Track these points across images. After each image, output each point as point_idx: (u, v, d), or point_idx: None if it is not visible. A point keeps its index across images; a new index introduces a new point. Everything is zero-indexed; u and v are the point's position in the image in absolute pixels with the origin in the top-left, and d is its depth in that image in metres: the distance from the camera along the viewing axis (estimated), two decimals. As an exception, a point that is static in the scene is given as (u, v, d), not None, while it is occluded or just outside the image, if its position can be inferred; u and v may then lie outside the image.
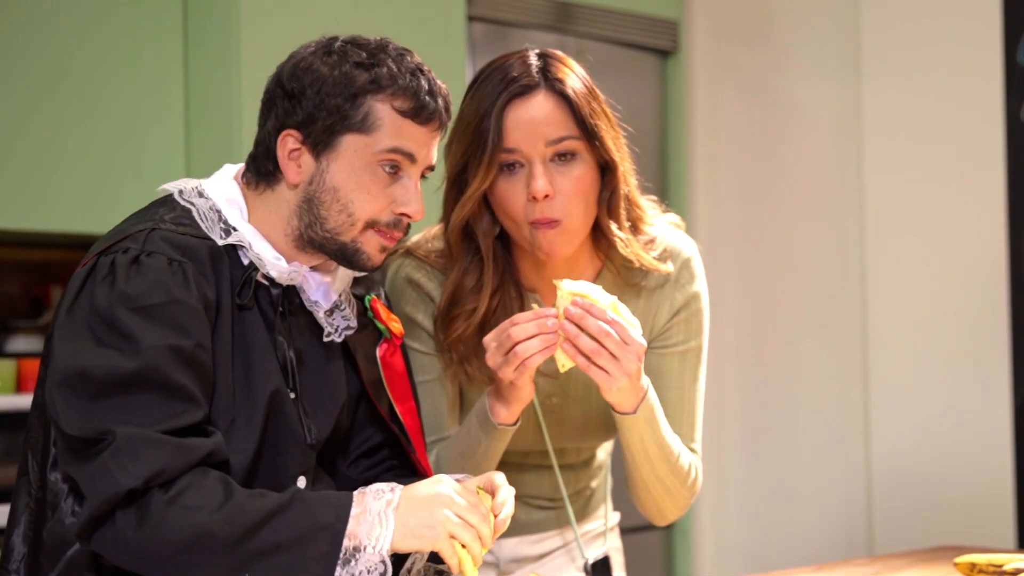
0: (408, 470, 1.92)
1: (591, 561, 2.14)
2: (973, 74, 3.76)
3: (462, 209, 1.95)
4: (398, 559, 1.76)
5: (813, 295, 4.12)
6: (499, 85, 1.92)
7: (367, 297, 1.90)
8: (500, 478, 1.74)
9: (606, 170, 1.97)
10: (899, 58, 3.92)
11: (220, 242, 1.72)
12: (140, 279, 1.65)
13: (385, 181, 1.72)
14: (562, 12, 3.97)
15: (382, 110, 1.71)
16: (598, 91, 1.98)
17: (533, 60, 1.95)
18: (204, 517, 1.58)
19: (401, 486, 1.66)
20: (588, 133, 1.93)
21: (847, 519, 4.02)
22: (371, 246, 1.75)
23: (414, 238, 2.09)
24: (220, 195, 1.76)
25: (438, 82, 1.77)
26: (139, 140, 3.38)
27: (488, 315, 1.99)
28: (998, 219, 3.70)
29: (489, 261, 1.97)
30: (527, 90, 1.91)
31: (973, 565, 2.07)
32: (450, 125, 1.84)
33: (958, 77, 3.80)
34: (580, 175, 1.93)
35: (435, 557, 1.81)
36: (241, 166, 1.82)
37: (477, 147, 1.91)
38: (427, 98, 1.73)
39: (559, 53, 1.99)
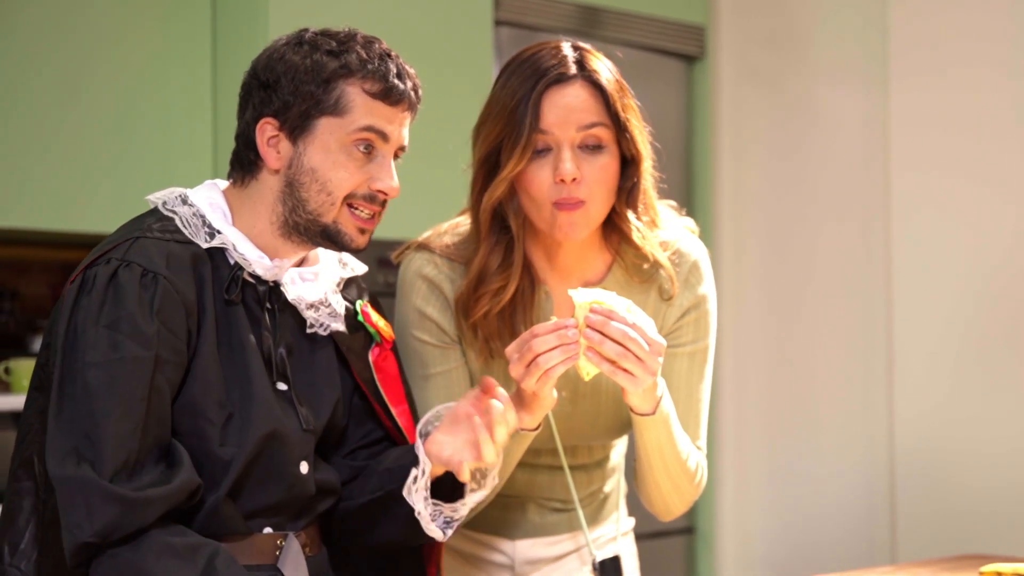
0: None
1: (599, 560, 2.15)
2: (1001, 76, 3.74)
3: (495, 190, 1.99)
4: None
5: (838, 297, 4.10)
6: (537, 72, 1.97)
7: (358, 302, 1.96)
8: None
9: (629, 163, 2.01)
10: (926, 61, 3.90)
11: (204, 246, 1.79)
12: (111, 291, 1.72)
13: (360, 160, 1.80)
14: (588, 17, 3.97)
15: (353, 93, 1.79)
16: (627, 86, 2.03)
17: (568, 51, 2.00)
18: None
19: None
20: (619, 124, 1.98)
21: (870, 525, 4.00)
22: (350, 227, 1.81)
23: (425, 234, 2.13)
24: (203, 200, 1.84)
25: (407, 66, 1.84)
26: (167, 139, 3.39)
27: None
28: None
29: (520, 241, 2.02)
30: (564, 78, 1.97)
31: (999, 574, 2.06)
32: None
33: (986, 80, 3.77)
34: (605, 164, 1.97)
35: None
36: (225, 181, 1.89)
37: (512, 130, 1.96)
38: (395, 80, 1.81)
39: (589, 46, 2.03)
